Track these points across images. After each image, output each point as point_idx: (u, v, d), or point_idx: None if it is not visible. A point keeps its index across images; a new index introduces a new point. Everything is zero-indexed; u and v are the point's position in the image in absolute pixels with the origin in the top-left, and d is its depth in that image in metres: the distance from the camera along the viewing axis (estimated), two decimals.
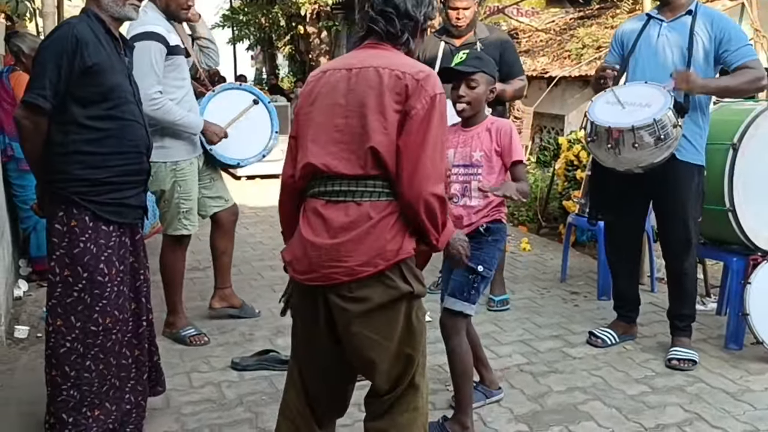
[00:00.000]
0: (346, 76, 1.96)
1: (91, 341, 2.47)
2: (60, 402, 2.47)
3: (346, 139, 1.91)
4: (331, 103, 1.95)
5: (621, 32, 3.55)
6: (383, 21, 2.00)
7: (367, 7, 2.04)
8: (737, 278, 3.61)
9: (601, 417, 2.86)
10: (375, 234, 1.88)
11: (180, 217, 3.48)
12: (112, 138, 2.47)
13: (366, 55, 2.00)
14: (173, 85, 3.35)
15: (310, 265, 1.91)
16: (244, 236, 5.88)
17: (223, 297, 3.89)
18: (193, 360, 3.38)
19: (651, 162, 3.11)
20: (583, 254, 5.39)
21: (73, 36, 2.37)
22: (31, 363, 3.27)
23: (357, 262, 1.87)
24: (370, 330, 1.92)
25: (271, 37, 15.81)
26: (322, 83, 2.00)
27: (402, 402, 2.01)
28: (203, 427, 2.76)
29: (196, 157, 3.54)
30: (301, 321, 2.07)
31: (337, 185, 1.91)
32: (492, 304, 4.14)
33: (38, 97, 2.35)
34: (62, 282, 2.44)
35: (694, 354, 3.36)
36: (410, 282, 1.92)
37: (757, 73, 3.16)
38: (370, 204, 1.89)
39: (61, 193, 2.43)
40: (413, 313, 1.97)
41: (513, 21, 9.83)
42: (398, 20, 2.00)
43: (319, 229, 1.91)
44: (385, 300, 1.90)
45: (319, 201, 1.94)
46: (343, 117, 1.93)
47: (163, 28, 3.27)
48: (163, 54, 3.25)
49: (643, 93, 3.17)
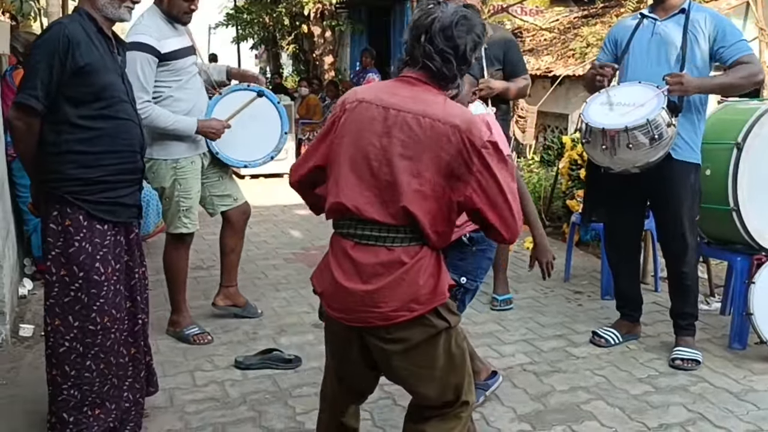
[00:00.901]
0: (383, 116, 1.86)
1: (90, 340, 2.47)
2: (60, 401, 2.48)
3: (380, 185, 1.85)
4: (365, 142, 1.87)
5: (614, 31, 3.56)
6: (440, 60, 1.86)
7: (423, 40, 1.87)
8: (741, 278, 3.60)
9: (605, 416, 2.86)
10: (408, 280, 1.85)
11: (180, 215, 3.49)
12: (106, 137, 2.46)
13: (407, 95, 1.88)
14: (163, 86, 3.34)
15: (345, 307, 1.91)
16: (248, 235, 5.83)
17: (228, 295, 3.89)
18: (197, 359, 3.39)
19: (647, 161, 3.11)
20: (586, 254, 5.38)
21: (64, 36, 2.35)
22: (35, 361, 3.28)
23: (392, 308, 1.85)
24: (411, 363, 1.94)
25: (275, 36, 15.80)
26: (357, 114, 1.90)
27: (450, 413, 2.03)
28: (207, 425, 2.76)
29: (199, 155, 3.53)
30: (331, 340, 2.08)
31: (368, 230, 1.86)
32: (495, 304, 4.14)
33: (30, 98, 2.34)
34: (59, 281, 2.45)
35: (697, 354, 3.35)
36: (446, 318, 1.92)
37: (753, 68, 3.17)
38: (402, 249, 1.86)
39: (55, 192, 2.43)
40: (452, 342, 1.97)
41: (517, 20, 9.81)
42: (455, 63, 1.88)
43: (350, 272, 1.88)
44: (423, 338, 1.90)
45: (348, 242, 1.90)
46: (376, 161, 1.85)
47: (153, 38, 3.25)
48: (152, 63, 3.25)
49: (638, 93, 3.18)
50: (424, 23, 1.87)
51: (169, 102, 3.35)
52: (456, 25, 1.85)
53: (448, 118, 1.83)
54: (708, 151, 3.62)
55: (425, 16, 1.88)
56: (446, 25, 1.85)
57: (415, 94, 1.88)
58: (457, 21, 1.86)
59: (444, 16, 1.86)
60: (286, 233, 6.21)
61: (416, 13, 1.93)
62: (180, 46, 3.39)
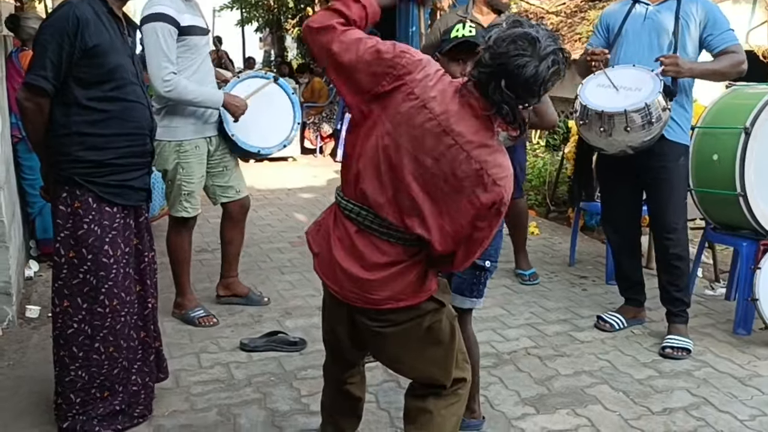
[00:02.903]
0: (437, 133, 1.72)
1: (98, 323, 2.47)
2: (68, 382, 2.49)
3: (408, 204, 1.78)
4: (411, 150, 1.74)
5: (606, 15, 3.56)
6: (509, 109, 1.70)
7: (504, 86, 1.66)
8: (747, 263, 3.59)
9: (608, 400, 2.87)
10: (404, 275, 1.87)
11: (181, 199, 3.48)
12: (115, 119, 2.44)
13: (471, 125, 1.72)
14: (184, 65, 3.32)
15: (337, 282, 1.92)
16: (253, 218, 5.87)
17: (227, 286, 3.88)
18: (202, 341, 3.40)
19: (642, 142, 3.15)
20: (591, 238, 5.37)
21: (74, 16, 2.33)
22: (42, 342, 3.30)
23: (381, 297, 1.87)
24: (397, 342, 1.96)
25: (280, 19, 15.71)
26: (413, 110, 1.74)
27: (447, 390, 2.05)
28: (212, 407, 2.78)
29: (204, 139, 3.50)
30: (325, 302, 2.12)
31: (376, 224, 1.84)
32: (524, 278, 4.34)
33: (40, 78, 2.32)
34: (68, 263, 2.45)
35: (688, 342, 3.34)
36: (437, 299, 1.94)
37: (739, 57, 3.21)
38: (403, 248, 1.86)
39: (64, 174, 2.42)
40: (441, 321, 1.98)
41: (523, 3, 9.73)
42: (522, 107, 1.73)
43: (350, 255, 1.88)
44: (410, 317, 1.92)
45: (352, 225, 1.87)
46: (415, 180, 1.75)
47: (173, 9, 3.23)
48: (173, 34, 3.21)
49: (633, 76, 3.20)
50: (510, 65, 1.66)
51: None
52: (547, 81, 1.68)
53: (497, 177, 1.73)
54: (716, 135, 3.62)
55: (515, 54, 1.66)
56: (538, 80, 1.66)
57: (476, 128, 1.74)
58: (550, 76, 1.67)
59: (536, 65, 1.65)
60: (291, 217, 6.21)
61: (505, 44, 1.67)
62: (194, 23, 3.36)
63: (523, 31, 1.68)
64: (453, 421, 2.07)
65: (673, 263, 3.40)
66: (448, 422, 2.05)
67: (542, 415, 2.75)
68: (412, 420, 2.07)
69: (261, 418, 2.70)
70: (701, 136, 3.68)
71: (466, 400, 2.13)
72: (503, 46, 1.67)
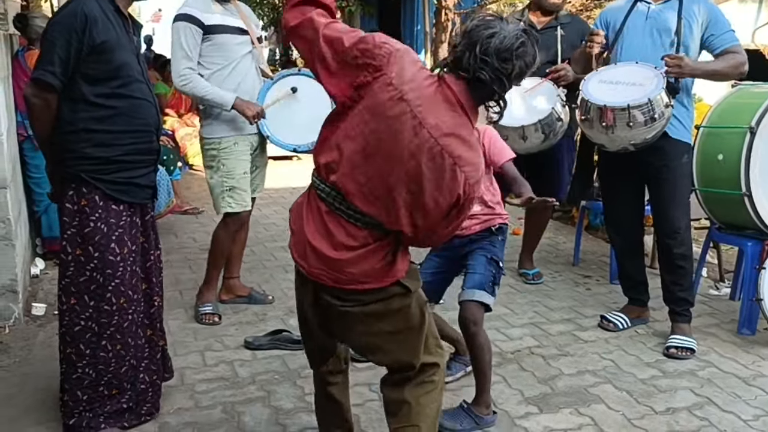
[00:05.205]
0: (412, 128, 1.74)
1: (105, 321, 2.48)
2: (75, 379, 2.50)
3: (379, 193, 1.80)
4: (389, 144, 1.76)
5: (606, 13, 3.57)
6: (489, 78, 1.76)
7: (478, 51, 1.75)
8: (752, 263, 3.58)
9: (612, 400, 2.87)
10: (370, 257, 1.88)
11: (224, 195, 3.52)
12: (122, 116, 2.45)
13: (447, 119, 1.76)
14: (209, 62, 3.39)
15: (305, 257, 1.93)
16: (258, 217, 5.90)
17: (228, 288, 3.89)
18: (207, 339, 3.41)
19: (644, 139, 3.15)
20: (596, 238, 5.37)
21: (82, 13, 2.34)
22: (48, 340, 3.32)
23: (347, 277, 1.89)
24: (362, 323, 1.97)
25: None
26: (390, 101, 1.76)
27: (420, 375, 2.05)
28: (216, 404, 2.79)
29: (245, 136, 3.53)
30: (296, 281, 2.10)
31: (344, 207, 1.86)
32: (528, 278, 4.36)
33: (47, 74, 2.33)
34: (74, 261, 2.45)
35: (692, 342, 3.34)
36: (404, 284, 1.94)
37: (741, 58, 3.21)
38: (369, 232, 1.87)
39: (71, 171, 2.43)
40: (410, 305, 1.98)
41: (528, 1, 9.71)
42: (500, 84, 1.79)
43: (320, 233, 1.89)
44: (375, 299, 1.93)
45: (324, 205, 1.89)
46: (391, 175, 1.78)
47: (198, 10, 3.33)
48: (195, 34, 3.32)
49: (635, 73, 3.21)
50: (481, 35, 1.76)
51: (213, 81, 3.38)
52: (516, 49, 1.75)
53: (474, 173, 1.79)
54: (721, 135, 3.61)
55: (484, 28, 1.78)
56: (506, 47, 1.75)
57: (457, 123, 1.78)
58: (517, 46, 1.75)
59: (505, 35, 1.76)
60: None
61: (475, 22, 1.81)
62: (224, 23, 3.40)
63: (492, 15, 1.84)
64: (433, 408, 2.07)
65: (677, 263, 3.40)
66: (428, 409, 2.05)
67: (545, 415, 2.75)
68: (393, 413, 2.09)
69: (265, 416, 2.71)
70: (706, 135, 3.67)
71: (443, 386, 2.12)
72: (474, 26, 1.81)
